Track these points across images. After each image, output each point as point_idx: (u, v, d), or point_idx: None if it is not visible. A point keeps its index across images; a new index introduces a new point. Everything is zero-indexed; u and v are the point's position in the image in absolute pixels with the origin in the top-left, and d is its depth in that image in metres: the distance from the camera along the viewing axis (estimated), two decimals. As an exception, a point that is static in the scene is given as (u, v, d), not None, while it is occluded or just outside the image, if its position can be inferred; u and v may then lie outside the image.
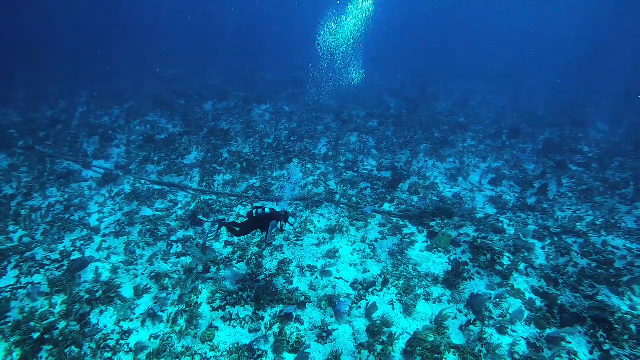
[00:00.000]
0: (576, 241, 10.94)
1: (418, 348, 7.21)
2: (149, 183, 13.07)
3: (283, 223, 8.00)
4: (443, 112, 22.76)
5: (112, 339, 7.12)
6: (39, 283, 8.36)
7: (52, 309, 7.69)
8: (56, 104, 21.46)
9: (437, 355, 7.18)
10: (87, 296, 8.00)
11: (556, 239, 11.02)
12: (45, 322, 7.32)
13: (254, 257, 9.55)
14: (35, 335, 6.94)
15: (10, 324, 7.21)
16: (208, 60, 37.03)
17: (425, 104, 24.33)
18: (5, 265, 8.84)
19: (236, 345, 7.15)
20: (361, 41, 16.48)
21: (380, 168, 14.96)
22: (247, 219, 8.06)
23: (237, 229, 8.14)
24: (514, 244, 10.41)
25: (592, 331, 7.85)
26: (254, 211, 7.85)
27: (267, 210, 7.80)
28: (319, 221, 11.23)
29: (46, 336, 6.92)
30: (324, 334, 7.61)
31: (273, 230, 7.80)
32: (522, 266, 9.75)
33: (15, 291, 8.09)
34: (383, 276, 9.12)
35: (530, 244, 10.64)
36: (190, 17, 64.31)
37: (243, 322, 7.75)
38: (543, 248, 10.62)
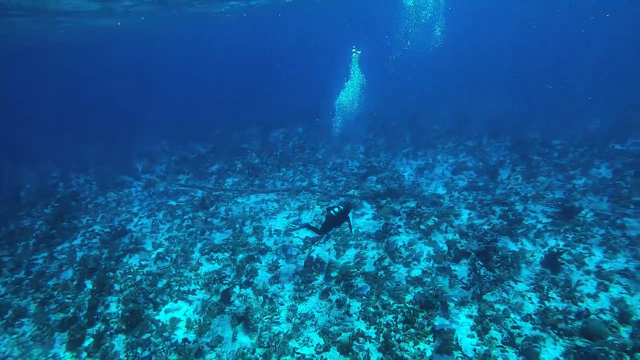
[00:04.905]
0: (502, 209, 13.22)
1: (334, 273, 10.24)
2: (177, 186, 17.44)
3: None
4: (439, 121, 25.26)
5: (133, 269, 11.03)
6: (95, 242, 12.67)
7: (101, 255, 11.85)
8: (119, 139, 27.56)
9: (349, 277, 10.12)
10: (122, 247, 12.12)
11: (486, 208, 13.38)
12: (96, 261, 11.44)
13: (237, 225, 13.18)
14: (89, 267, 11.03)
15: (77, 260, 11.45)
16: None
17: (426, 117, 26.95)
18: (76, 234, 13.33)
19: (211, 271, 10.71)
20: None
21: (361, 167, 18.12)
22: (327, 219, 9.67)
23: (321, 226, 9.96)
24: (441, 212, 13.02)
25: (472, 261, 10.34)
26: (331, 211, 9.44)
27: (342, 207, 9.49)
28: (294, 203, 14.66)
29: (96, 267, 11.00)
30: (273, 267, 10.91)
31: (351, 220, 10.02)
32: (443, 226, 12.33)
33: (81, 247, 12.44)
34: (327, 235, 12.23)
35: (459, 211, 13.17)
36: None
37: (221, 262, 11.30)
38: (470, 214, 13.07)
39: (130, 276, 10.68)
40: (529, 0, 50.03)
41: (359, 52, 16.72)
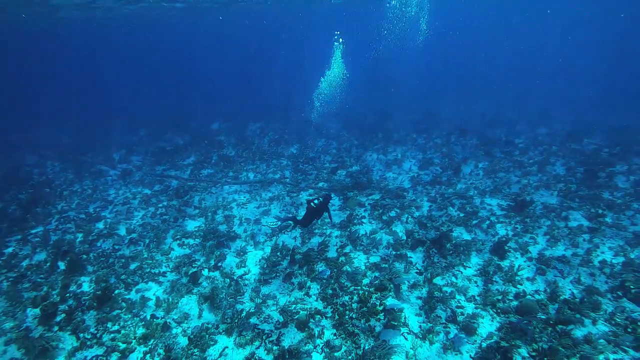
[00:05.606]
0: (461, 202, 14.08)
1: (297, 256, 10.88)
2: (153, 175, 17.80)
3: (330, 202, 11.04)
4: (412, 120, 26.19)
5: (107, 252, 11.46)
6: (70, 227, 13.01)
7: (75, 238, 12.22)
8: (97, 130, 27.56)
9: (311, 262, 10.77)
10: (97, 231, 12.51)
11: (446, 202, 14.22)
12: (70, 245, 11.81)
13: (210, 214, 13.70)
14: (63, 249, 11.40)
15: (51, 243, 11.80)
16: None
17: (400, 116, 27.86)
18: (50, 219, 13.63)
19: (181, 255, 11.22)
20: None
21: (332, 162, 18.80)
22: (308, 211, 10.20)
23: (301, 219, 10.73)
24: (404, 204, 13.80)
25: (427, 249, 11.12)
26: (311, 203, 9.94)
27: (321, 199, 10.12)
28: (265, 194, 15.24)
29: (69, 250, 11.38)
30: (242, 252, 11.49)
31: (331, 211, 10.80)
32: (404, 217, 13.11)
33: (55, 231, 12.77)
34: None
35: (420, 204, 13.98)
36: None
37: (192, 247, 11.81)
38: (430, 207, 13.89)
39: (103, 259, 11.10)
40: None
41: (341, 40, 17.03)
